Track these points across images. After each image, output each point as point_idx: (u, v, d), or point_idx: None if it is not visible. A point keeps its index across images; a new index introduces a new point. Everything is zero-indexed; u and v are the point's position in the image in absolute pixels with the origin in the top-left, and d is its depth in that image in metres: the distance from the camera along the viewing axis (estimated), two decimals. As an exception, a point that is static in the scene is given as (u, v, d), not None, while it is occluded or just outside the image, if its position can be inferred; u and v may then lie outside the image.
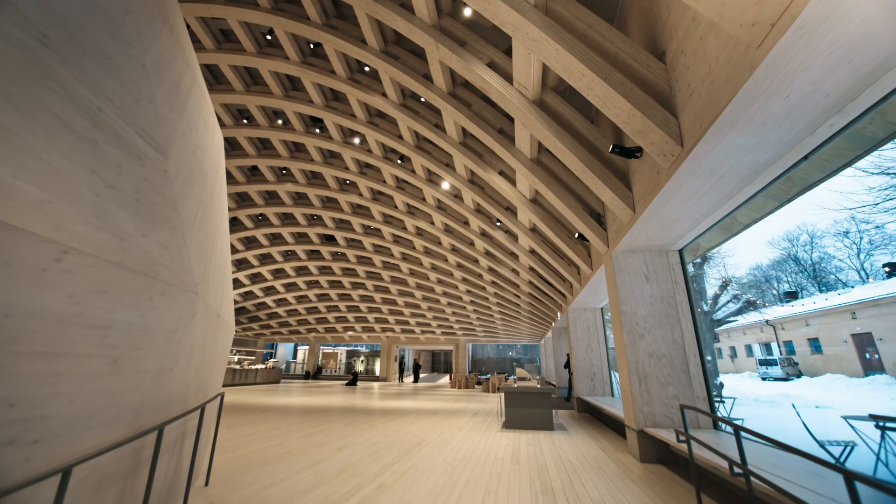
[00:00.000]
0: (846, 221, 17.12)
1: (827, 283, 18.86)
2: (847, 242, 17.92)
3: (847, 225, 17.53)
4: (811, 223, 21.35)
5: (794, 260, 21.93)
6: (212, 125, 4.46)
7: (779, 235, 22.29)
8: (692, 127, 3.28)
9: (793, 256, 21.91)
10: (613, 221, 6.06)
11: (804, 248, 21.71)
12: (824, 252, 20.32)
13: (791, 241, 22.21)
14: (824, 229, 19.90)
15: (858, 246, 17.11)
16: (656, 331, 5.77)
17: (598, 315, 12.04)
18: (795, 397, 13.00)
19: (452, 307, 22.64)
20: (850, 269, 17.84)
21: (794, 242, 22.17)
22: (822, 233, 20.44)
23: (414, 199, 13.42)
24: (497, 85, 5.66)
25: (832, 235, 19.89)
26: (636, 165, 4.82)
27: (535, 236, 9.90)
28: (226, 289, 4.72)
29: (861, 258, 17.01)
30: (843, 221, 17.36)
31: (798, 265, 21.73)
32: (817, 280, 19.77)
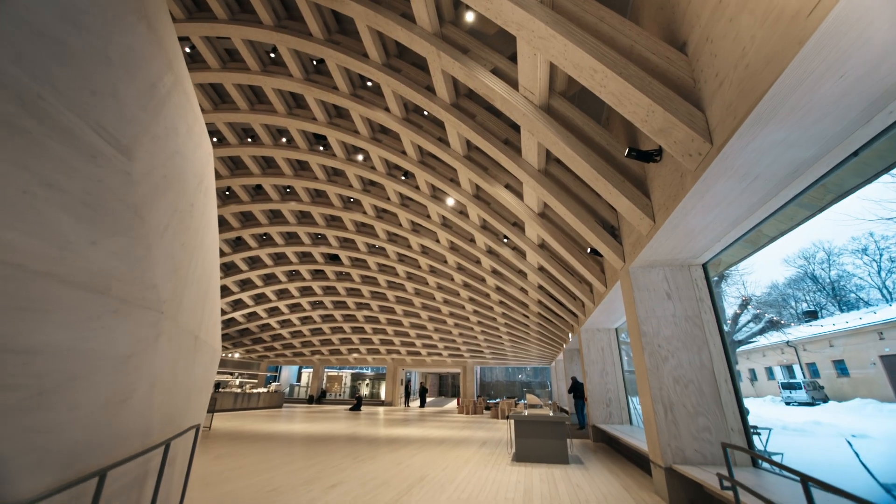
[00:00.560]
0: (864, 238, 16.33)
1: (848, 302, 17.98)
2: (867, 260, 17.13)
3: (865, 241, 16.74)
4: (827, 240, 20.60)
5: (812, 278, 21.05)
6: (198, 133, 4.19)
7: (794, 253, 21.51)
8: (723, 120, 2.90)
9: (809, 274, 21.05)
10: (630, 234, 5.62)
11: (821, 266, 20.89)
12: (843, 270, 19.48)
13: (807, 259, 21.39)
14: (841, 246, 19.15)
15: (879, 263, 16.32)
16: (681, 353, 5.23)
17: (612, 336, 11.41)
18: (828, 425, 12.07)
19: (459, 328, 22.01)
20: (871, 288, 16.97)
21: (811, 260, 21.34)
22: (839, 250, 19.65)
23: (418, 217, 13.13)
24: (501, 91, 5.38)
25: (850, 253, 19.09)
26: (655, 171, 4.42)
27: (544, 252, 9.46)
28: (209, 308, 4.34)
29: (882, 276, 16.18)
30: (862, 238, 16.56)
31: (816, 283, 20.84)
32: (837, 299, 18.86)
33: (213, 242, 4.73)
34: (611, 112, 6.01)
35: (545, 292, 12.47)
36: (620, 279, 6.23)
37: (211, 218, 4.56)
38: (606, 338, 11.39)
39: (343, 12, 6.97)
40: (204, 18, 9.12)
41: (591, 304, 9.11)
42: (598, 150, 4.96)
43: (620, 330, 11.40)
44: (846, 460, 7.49)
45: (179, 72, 3.94)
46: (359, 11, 6.68)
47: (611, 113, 6.02)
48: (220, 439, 10.18)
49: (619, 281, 6.49)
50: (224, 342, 25.29)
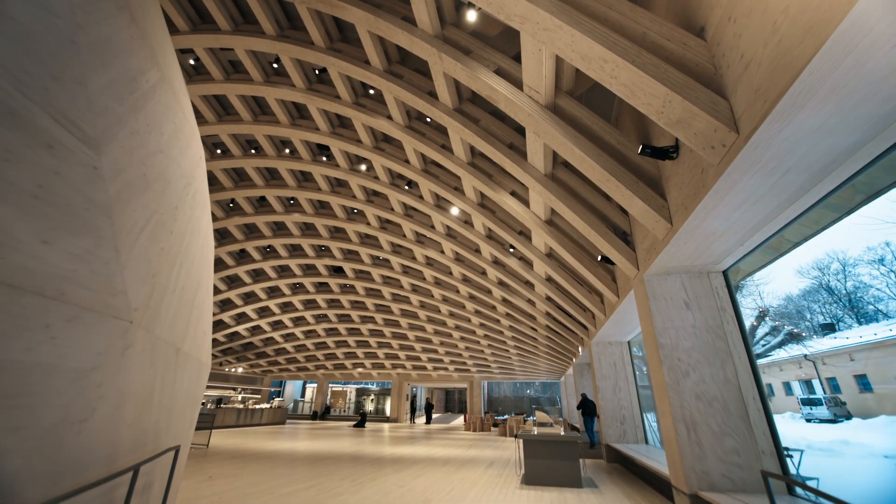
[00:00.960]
0: (880, 248, 15.66)
1: (866, 314, 17.29)
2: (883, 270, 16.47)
3: (881, 251, 16.07)
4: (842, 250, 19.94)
5: (827, 289, 20.33)
6: (186, 134, 4.00)
7: (807, 264, 20.85)
8: (751, 106, 2.61)
9: (825, 286, 20.33)
10: (644, 239, 5.29)
11: (836, 277, 20.17)
12: (859, 281, 18.78)
13: (821, 270, 20.71)
14: (856, 256, 18.49)
15: (897, 274, 15.65)
16: (703, 367, 4.83)
17: (624, 349, 10.94)
18: (858, 445, 11.35)
19: (465, 341, 21.54)
20: (889, 300, 16.26)
21: (825, 271, 20.66)
22: (854, 260, 18.99)
23: (422, 227, 12.90)
24: (505, 91, 5.16)
25: (866, 263, 18.42)
26: (671, 169, 4.12)
27: (552, 262, 9.13)
28: (196, 319, 4.08)
29: (901, 287, 15.49)
30: (878, 248, 15.88)
31: (831, 295, 20.11)
32: (854, 311, 18.16)
33: (205, 250, 4.50)
34: (621, 110, 5.76)
35: (553, 304, 12.07)
36: (634, 288, 5.87)
37: (201, 224, 4.34)
38: (618, 351, 10.92)
39: (344, 19, 6.89)
40: (208, 30, 9.14)
41: (603, 315, 8.71)
42: (608, 150, 4.69)
43: (633, 343, 10.93)
44: (887, 485, 6.89)
45: (168, 72, 3.77)
46: (359, 17, 6.58)
47: (621, 111, 5.77)
48: (218, 458, 9.81)
49: (632, 290, 6.13)
50: (227, 356, 25.05)
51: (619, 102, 5.80)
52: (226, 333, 22.97)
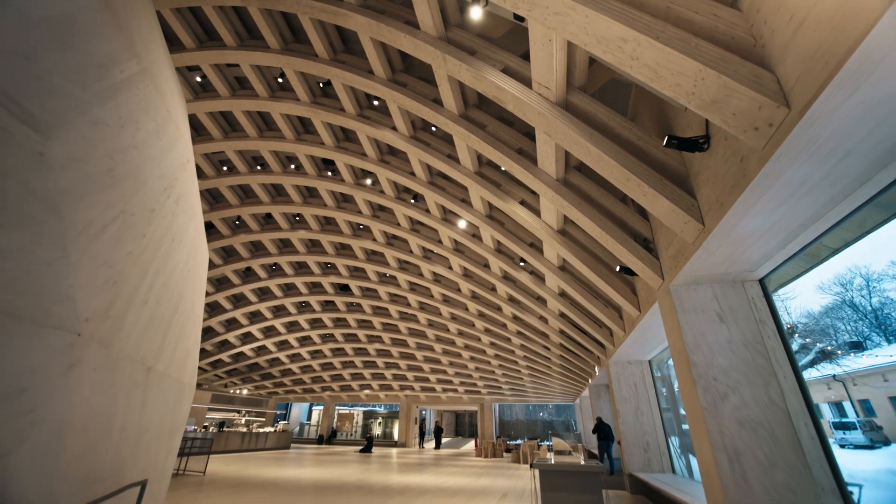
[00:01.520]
0: None
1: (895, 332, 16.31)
2: (911, 285, 15.53)
3: None
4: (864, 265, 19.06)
5: (851, 306, 19.33)
6: (171, 135, 3.73)
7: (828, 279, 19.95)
8: (807, 74, 2.20)
9: (848, 302, 19.35)
10: (669, 244, 4.82)
11: (860, 293, 19.20)
12: (886, 297, 17.84)
13: (843, 286, 19.76)
14: (880, 271, 17.64)
15: (925, 289, 14.72)
16: (744, 388, 4.26)
17: (645, 369, 10.25)
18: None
19: (475, 362, 20.80)
20: None
21: (848, 287, 19.70)
22: (878, 275, 18.09)
23: (429, 242, 12.55)
24: (513, 90, 4.85)
25: (891, 278, 17.53)
26: (701, 163, 3.70)
27: (565, 275, 8.63)
28: (175, 335, 3.70)
29: (932, 303, 14.53)
30: None
31: (856, 312, 19.09)
32: (882, 328, 17.15)
33: (191, 261, 4.16)
34: (638, 107, 5.39)
35: (567, 320, 11.48)
36: (659, 300, 5.36)
37: (186, 232, 4.02)
38: (639, 371, 10.23)
39: (347, 27, 6.76)
40: (213, 46, 9.16)
41: (622, 331, 8.13)
42: (627, 147, 4.30)
43: (654, 363, 10.24)
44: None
45: (152, 68, 3.53)
46: (362, 23, 6.43)
47: (638, 108, 5.40)
48: (215, 486, 9.26)
49: (656, 303, 5.61)
50: (232, 377, 24.59)
51: (636, 98, 5.45)
52: (231, 354, 22.60)
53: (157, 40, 4.06)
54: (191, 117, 11.52)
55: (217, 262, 16.46)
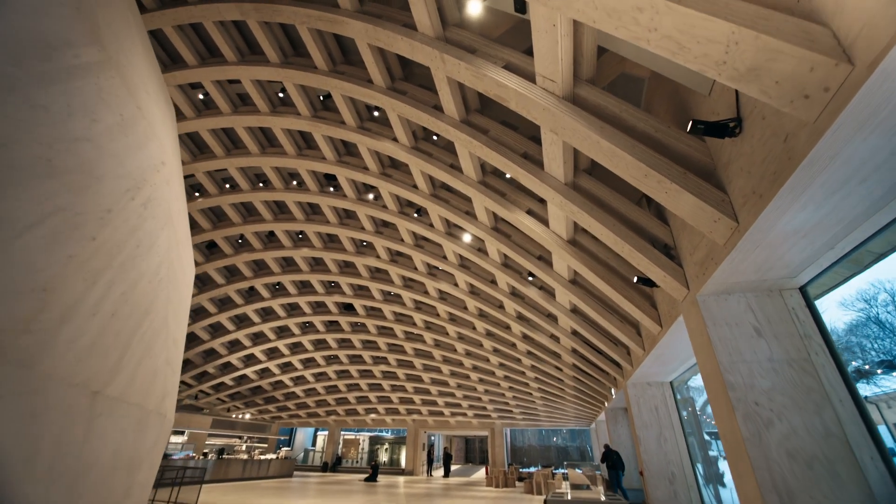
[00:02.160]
0: None
1: None
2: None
3: None
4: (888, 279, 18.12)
5: (877, 323, 18.27)
6: (141, 134, 3.41)
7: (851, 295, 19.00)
8: (876, 19, 1.77)
9: (873, 319, 18.30)
10: (695, 249, 4.32)
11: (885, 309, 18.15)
12: None
13: (867, 302, 18.77)
14: None
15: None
16: (792, 415, 3.66)
17: (667, 392, 9.50)
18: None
19: (484, 384, 19.96)
20: None
21: (872, 303, 18.71)
22: None
23: (434, 258, 12.13)
24: (516, 86, 4.51)
25: None
26: (732, 151, 3.25)
27: (577, 289, 8.09)
28: (138, 355, 3.28)
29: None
30: None
31: (882, 329, 18.01)
32: None
33: (164, 272, 3.78)
34: (653, 98, 5.00)
35: (580, 339, 10.82)
36: (684, 313, 4.81)
37: (156, 242, 3.65)
38: (660, 394, 9.48)
39: (344, 34, 6.59)
40: (215, 63, 9.14)
41: (640, 350, 7.50)
42: (643, 140, 3.88)
43: (677, 384, 9.50)
44: None
45: (121, 60, 3.25)
46: (358, 29, 6.25)
47: (652, 99, 5.01)
48: (203, 521, 8.62)
49: (680, 316, 5.05)
50: (235, 401, 23.99)
51: (649, 92, 5.06)
52: (234, 376, 22.09)
53: (135, 36, 3.81)
54: (194, 135, 11.50)
55: (220, 281, 16.22)
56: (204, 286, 16.63)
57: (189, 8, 7.98)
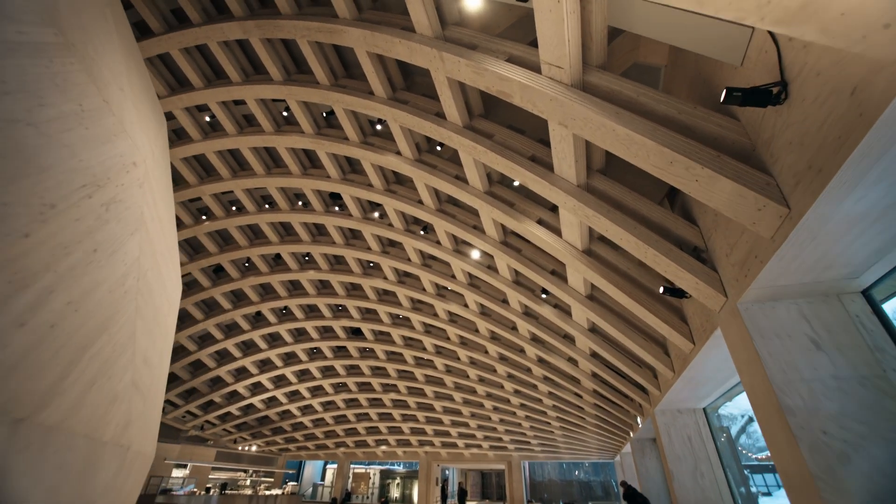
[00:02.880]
0: None
1: None
2: None
3: None
4: None
5: None
6: (107, 129, 3.12)
7: None
8: None
9: None
10: (732, 248, 3.75)
11: None
12: None
13: None
14: None
15: None
16: (872, 446, 2.97)
17: (700, 419, 8.59)
18: None
19: (499, 412, 18.89)
20: None
21: None
22: None
23: (442, 278, 11.65)
24: (520, 78, 4.16)
25: None
26: (777, 121, 2.76)
27: (595, 306, 7.46)
28: (88, 376, 2.85)
29: None
30: None
31: None
32: None
33: (127, 281, 3.40)
34: (672, 85, 4.56)
35: (600, 361, 10.03)
36: (721, 326, 4.19)
37: (122, 248, 3.28)
38: (693, 422, 8.57)
39: (343, 43, 6.46)
40: (221, 84, 9.19)
41: (669, 371, 6.75)
42: (665, 123, 3.42)
43: (710, 410, 8.59)
44: None
45: (85, 49, 2.99)
46: (357, 37, 6.09)
47: (671, 86, 4.57)
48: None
49: (717, 329, 4.41)
50: (242, 432, 23.25)
51: (667, 79, 4.65)
52: (240, 406, 21.49)
53: (113, 36, 3.61)
54: (201, 158, 11.53)
55: (226, 306, 15.97)
56: (211, 311, 16.40)
57: (194, 30, 8.07)
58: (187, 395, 20.10)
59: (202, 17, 8.00)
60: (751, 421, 9.86)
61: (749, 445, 9.37)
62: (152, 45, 8.53)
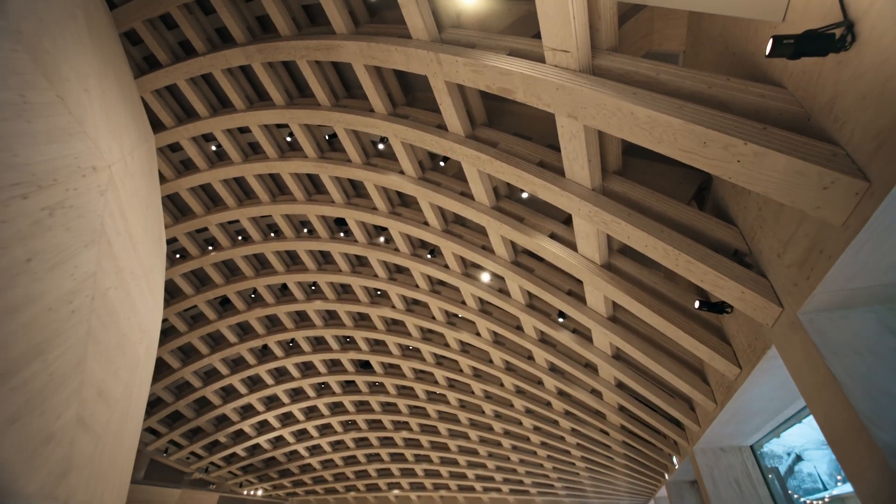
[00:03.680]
0: None
1: None
2: None
3: None
4: None
5: None
6: (58, 127, 2.82)
7: None
8: None
9: None
10: (786, 246, 3.12)
11: None
12: None
13: None
14: None
15: None
16: None
17: (748, 458, 7.52)
18: None
19: (518, 452, 17.50)
20: None
21: None
22: None
23: (452, 304, 11.05)
24: (523, 69, 3.79)
25: None
26: (840, 77, 2.25)
27: (619, 329, 6.73)
28: (7, 406, 2.36)
29: None
30: None
31: None
32: None
33: (77, 298, 2.97)
34: (695, 57, 4.08)
35: (627, 392, 9.09)
36: (777, 343, 3.49)
37: (69, 256, 2.88)
38: (739, 462, 7.49)
39: (340, 59, 6.34)
40: (226, 112, 9.24)
41: (710, 402, 5.88)
42: (694, 98, 2.93)
43: (758, 447, 7.53)
44: None
45: (46, 45, 2.75)
46: (353, 51, 5.94)
47: (694, 59, 4.09)
48: None
49: (770, 348, 3.70)
50: (248, 475, 22.14)
51: (686, 63, 4.19)
52: (246, 446, 20.55)
53: (83, 35, 3.40)
54: (207, 188, 11.51)
55: (233, 340, 15.54)
56: (216, 345, 15.98)
57: (199, 59, 8.16)
58: (192, 434, 19.35)
59: (207, 47, 8.11)
60: (799, 459, 8.70)
61: (795, 487, 8.18)
62: (160, 77, 8.66)
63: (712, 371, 5.52)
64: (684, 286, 5.13)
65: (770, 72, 2.76)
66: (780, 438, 7.50)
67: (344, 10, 5.75)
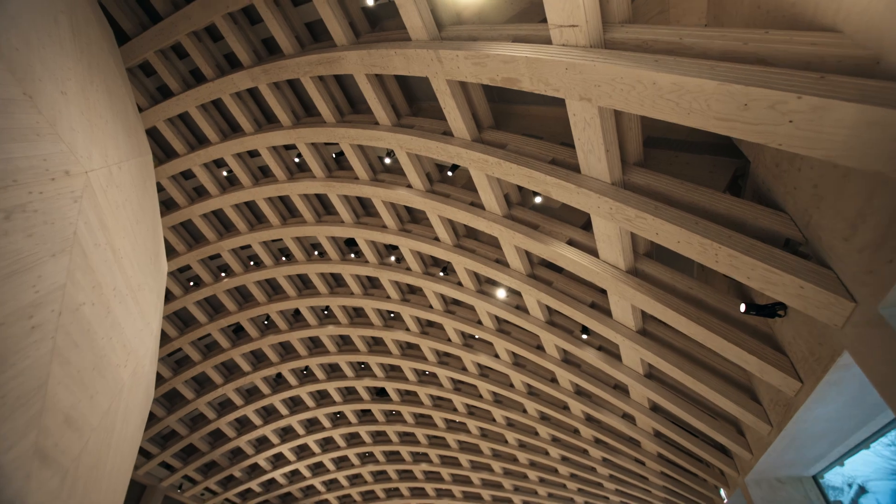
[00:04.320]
0: None
1: None
2: None
3: None
4: None
5: None
6: (24, 126, 2.63)
7: None
8: None
9: None
10: (857, 225, 2.59)
11: None
12: None
13: None
14: None
15: None
16: None
17: (811, 491, 6.54)
18: None
19: (546, 485, 16.24)
20: None
21: None
22: None
23: (468, 324, 10.53)
24: (528, 53, 3.49)
25: None
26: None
27: (650, 342, 6.08)
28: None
29: None
30: None
31: None
32: None
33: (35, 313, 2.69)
34: (721, 14, 3.65)
35: (664, 415, 8.23)
36: (850, 347, 2.90)
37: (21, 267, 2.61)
38: (802, 496, 6.53)
39: (342, 71, 6.26)
40: (235, 136, 9.34)
41: (764, 425, 5.12)
42: (728, 58, 2.53)
43: (820, 477, 6.55)
44: None
45: (13, 40, 2.61)
46: (354, 61, 5.83)
47: (721, 16, 3.66)
48: None
49: (843, 354, 3.08)
50: (263, 512, 21.27)
51: (713, 17, 3.78)
52: (262, 481, 19.84)
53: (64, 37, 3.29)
54: (219, 213, 11.56)
55: (247, 368, 15.27)
56: (231, 374, 15.72)
57: (208, 85, 8.30)
58: (206, 468, 18.85)
59: (216, 72, 8.25)
60: (862, 492, 7.63)
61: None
62: (172, 106, 8.85)
63: (764, 387, 4.82)
64: (723, 289, 4.55)
65: (819, 19, 2.35)
66: (843, 467, 6.55)
67: (344, 21, 5.68)
